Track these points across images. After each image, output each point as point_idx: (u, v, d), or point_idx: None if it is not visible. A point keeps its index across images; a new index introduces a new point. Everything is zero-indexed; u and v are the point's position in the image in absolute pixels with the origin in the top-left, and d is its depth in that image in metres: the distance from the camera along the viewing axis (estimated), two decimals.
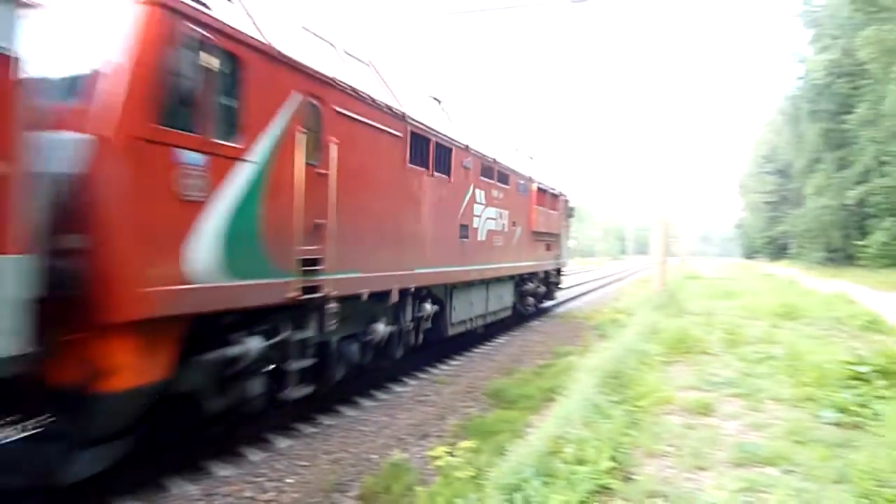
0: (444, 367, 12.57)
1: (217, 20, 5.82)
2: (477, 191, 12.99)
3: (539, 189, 17.78)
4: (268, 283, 6.58)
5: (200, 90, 5.50)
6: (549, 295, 21.46)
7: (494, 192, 14.10)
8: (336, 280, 7.78)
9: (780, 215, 73.17)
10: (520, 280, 17.34)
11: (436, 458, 6.34)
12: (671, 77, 17.10)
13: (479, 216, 13.17)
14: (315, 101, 7.31)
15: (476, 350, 14.56)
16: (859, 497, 3.73)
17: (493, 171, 14.01)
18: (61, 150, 4.71)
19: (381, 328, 9.53)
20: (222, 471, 6.79)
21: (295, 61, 6.97)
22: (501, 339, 16.16)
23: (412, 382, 11.10)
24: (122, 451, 5.49)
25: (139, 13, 5.03)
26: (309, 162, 7.12)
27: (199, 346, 6.04)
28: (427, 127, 10.54)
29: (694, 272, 36.26)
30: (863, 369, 6.78)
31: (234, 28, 6.03)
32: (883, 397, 6.15)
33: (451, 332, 12.73)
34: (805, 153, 50.82)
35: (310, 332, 7.65)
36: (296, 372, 7.44)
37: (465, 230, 12.43)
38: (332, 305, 7.88)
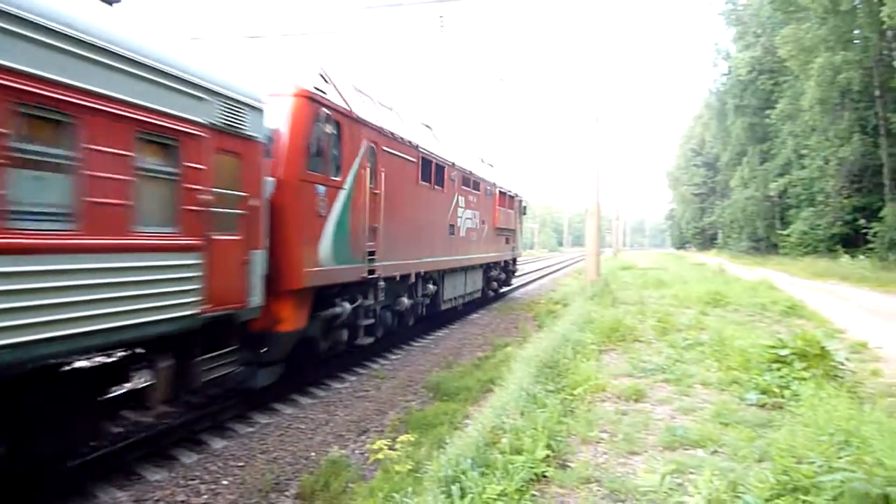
0: (383, 361, 12.53)
1: (330, 101, 9.24)
2: (459, 197, 16.65)
3: (500, 192, 21.50)
4: (353, 267, 10.07)
5: (324, 146, 8.98)
6: (507, 281, 25.24)
7: (471, 198, 17.82)
8: (384, 266, 11.29)
9: (708, 207, 75.94)
10: (487, 268, 20.97)
11: (375, 452, 6.30)
12: (602, 71, 17.58)
13: (461, 217, 16.78)
14: (373, 145, 10.90)
15: (415, 343, 14.56)
16: (779, 474, 3.88)
17: (469, 181, 17.73)
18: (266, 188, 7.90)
19: (405, 301, 13.16)
20: (154, 475, 6.59)
21: (364, 120, 10.54)
22: (441, 333, 16.21)
23: (351, 378, 11.01)
24: (278, 374, 8.82)
25: (298, 102, 8.46)
26: (370, 186, 10.64)
27: (318, 307, 9.31)
28: (429, 152, 14.16)
29: (627, 263, 37.17)
30: (783, 353, 7.04)
31: (337, 104, 9.45)
32: (802, 378, 6.42)
33: (443, 307, 16.28)
34: (731, 146, 52.71)
35: (370, 301, 11.22)
36: (363, 327, 11.01)
37: (452, 229, 16.01)
38: (381, 283, 11.46)
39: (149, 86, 5.84)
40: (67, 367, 5.85)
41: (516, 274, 28.19)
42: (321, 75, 9.65)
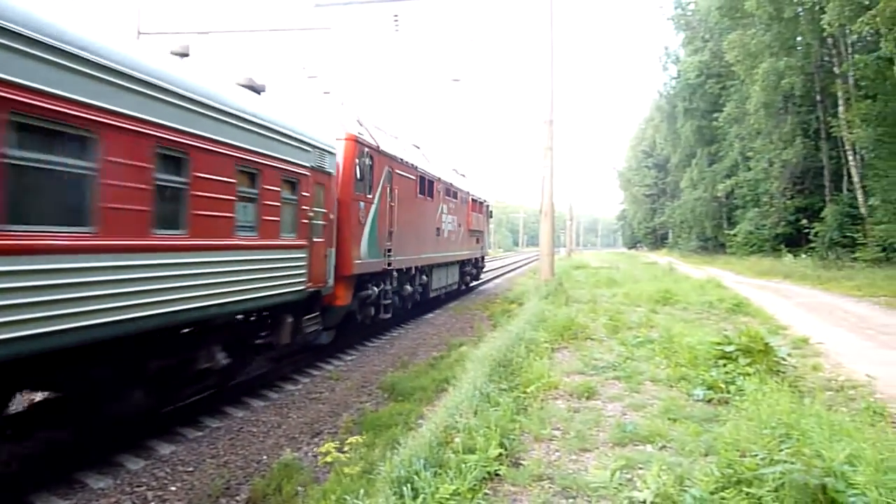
0: (337, 362, 12.41)
1: (366, 141, 12.77)
2: (443, 205, 20.28)
3: (472, 199, 25.55)
4: (378, 261, 13.71)
5: (363, 173, 12.38)
6: (477, 276, 29.03)
7: (451, 205, 21.43)
8: (397, 260, 14.94)
9: (659, 207, 77.57)
10: (463, 263, 24.68)
11: (324, 455, 6.23)
12: (554, 74, 17.81)
13: (444, 222, 20.33)
14: (390, 169, 14.47)
15: (370, 344, 14.47)
16: (724, 468, 3.98)
17: (450, 191, 21.32)
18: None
19: (409, 287, 16.79)
20: (98, 483, 6.38)
21: (385, 152, 14.12)
22: (396, 332, 16.15)
23: (304, 380, 10.88)
24: (332, 336, 12.44)
25: (348, 143, 11.87)
26: (389, 200, 14.26)
27: (358, 290, 12.84)
28: (424, 170, 17.78)
29: (581, 262, 37.71)
30: (729, 349, 7.23)
31: (369, 142, 12.96)
32: (746, 374, 6.60)
33: (432, 294, 19.77)
34: (681, 148, 53.93)
35: (388, 287, 14.73)
36: (383, 305, 14.49)
37: (438, 231, 19.59)
38: (395, 273, 15.17)
39: (290, 148, 9.64)
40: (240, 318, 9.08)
41: (484, 269, 32.24)
42: (357, 121, 13.10)
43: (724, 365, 7.02)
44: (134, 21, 18.56)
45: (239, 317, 8.89)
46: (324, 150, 10.82)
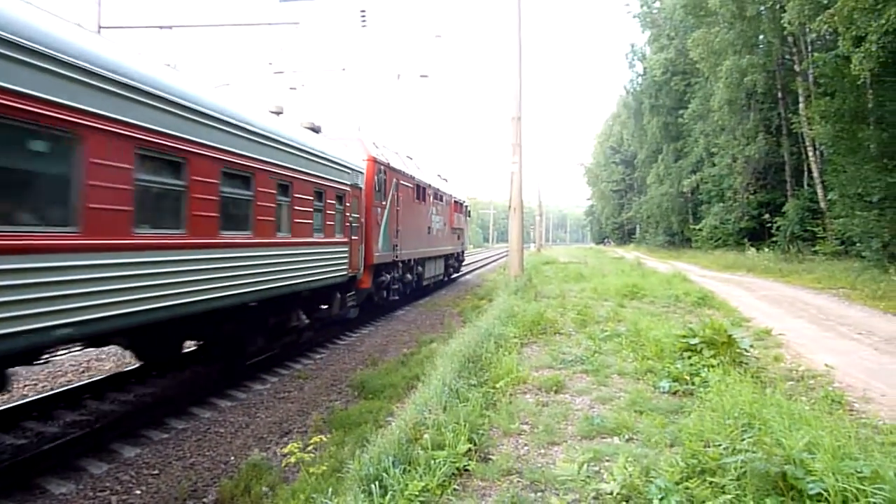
0: (306, 361, 12.32)
1: (381, 160, 16.90)
2: (433, 207, 24.17)
3: (454, 201, 29.78)
4: (389, 254, 17.57)
5: (379, 185, 16.60)
6: (458, 268, 33.41)
7: (438, 207, 25.43)
8: (401, 253, 18.72)
9: (626, 202, 78.53)
10: (447, 257, 28.43)
11: (287, 456, 6.17)
12: (522, 71, 17.94)
13: (433, 221, 24.24)
14: (396, 180, 18.31)
15: (340, 342, 14.40)
16: (688, 458, 4.04)
17: (438, 195, 25.30)
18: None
19: (409, 277, 20.65)
20: (59, 488, 6.24)
21: (393, 167, 18.04)
22: (366, 330, 16.10)
23: (272, 379, 10.77)
24: (357, 312, 15.39)
25: (369, 163, 15.84)
26: (396, 205, 17.95)
27: (375, 276, 16.80)
28: (419, 179, 21.66)
29: (550, 258, 37.97)
30: (694, 342, 7.35)
31: (383, 160, 16.99)
32: (711, 366, 6.71)
33: (424, 283, 23.42)
34: (648, 145, 54.65)
35: (396, 275, 18.81)
36: (393, 289, 18.43)
37: (429, 230, 23.48)
38: (400, 264, 18.93)
39: (339, 172, 13.27)
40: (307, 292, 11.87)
41: (464, 263, 36.91)
42: (374, 143, 17.37)
43: (690, 357, 7.13)
44: (94, 15, 18.14)
45: (309, 293, 12.03)
46: (357, 171, 14.77)
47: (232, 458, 7.36)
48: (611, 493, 3.86)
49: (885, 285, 16.27)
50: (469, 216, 36.92)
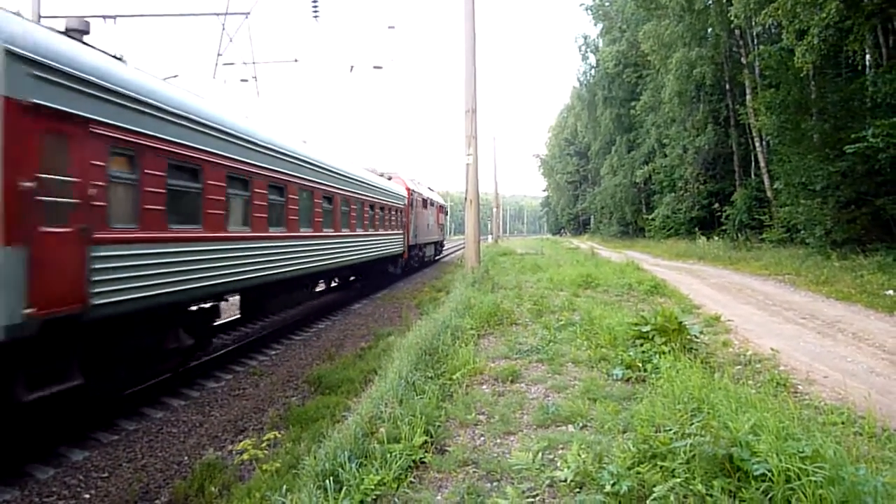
0: (261, 357, 12.14)
1: (414, 189, 31.30)
2: (429, 211, 35.71)
3: (439, 206, 41.73)
4: (413, 241, 30.86)
5: (412, 203, 30.40)
6: (441, 251, 44.88)
7: (431, 210, 36.75)
8: (418, 241, 32.37)
9: (581, 193, 79.55)
10: (435, 244, 40.33)
11: (240, 453, 6.09)
12: (476, 62, 18.02)
13: (430, 221, 36.22)
14: (416, 198, 31.81)
15: (296, 337, 14.23)
16: (640, 443, 4.11)
17: (431, 203, 36.80)
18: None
19: (420, 254, 33.38)
20: (3, 495, 6.02)
21: (415, 190, 31.61)
22: (322, 325, 15.94)
23: (227, 377, 10.59)
24: (401, 270, 29.47)
25: (406, 191, 29.30)
26: (413, 211, 30.62)
27: (411, 252, 30.65)
28: (425, 196, 34.86)
29: (507, 249, 38.22)
30: (646, 329, 7.47)
31: (412, 188, 30.93)
32: (662, 352, 6.83)
33: (425, 259, 35.14)
34: (601, 136, 55.43)
35: (416, 253, 32.46)
36: (414, 260, 31.83)
37: (427, 226, 34.85)
38: (416, 247, 32.09)
39: (396, 198, 26.43)
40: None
41: (444, 248, 49.32)
42: (410, 179, 31.65)
43: (642, 345, 7.26)
44: (33, 2, 17.43)
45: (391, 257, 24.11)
46: (402, 195, 27.36)
47: (185, 457, 7.22)
48: (565, 481, 3.91)
49: (828, 271, 16.86)
50: (447, 214, 52.78)
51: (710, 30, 31.46)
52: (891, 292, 12.89)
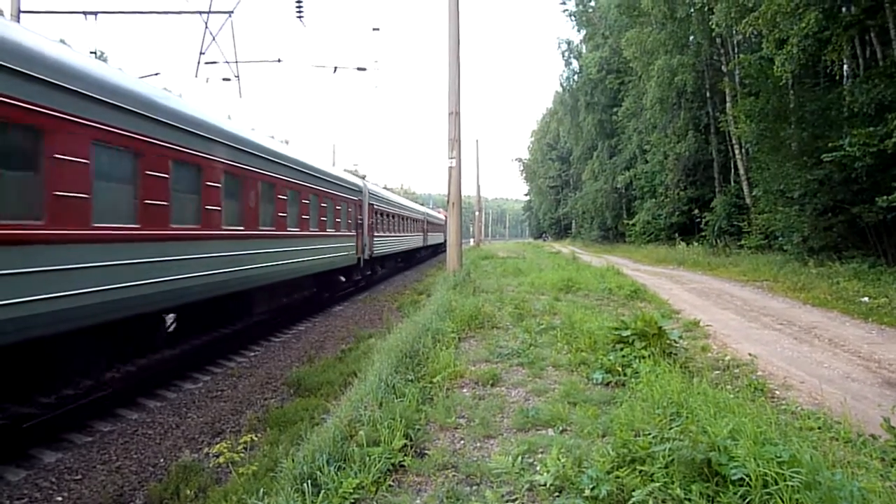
0: (240, 358, 12.03)
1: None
2: (416, 222, 41.44)
3: (428, 221, 47.97)
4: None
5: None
6: (438, 252, 51.98)
7: (417, 222, 42.24)
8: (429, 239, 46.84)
9: (563, 198, 79.92)
10: (435, 246, 52.34)
11: (216, 456, 6.01)
12: (460, 66, 17.96)
13: (423, 230, 44.97)
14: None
15: (275, 339, 14.11)
16: (619, 448, 4.11)
17: (421, 218, 44.64)
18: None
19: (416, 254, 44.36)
20: None
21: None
22: (302, 326, 15.83)
23: (204, 378, 10.47)
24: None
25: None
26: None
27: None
28: (411, 208, 41.53)
29: (488, 252, 38.26)
30: (626, 333, 7.50)
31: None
32: (642, 356, 6.85)
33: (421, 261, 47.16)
34: (583, 141, 55.71)
35: (424, 254, 48.93)
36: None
37: (423, 234, 45.29)
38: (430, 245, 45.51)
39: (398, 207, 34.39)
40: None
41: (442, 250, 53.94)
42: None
43: (622, 349, 7.27)
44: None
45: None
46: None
47: (161, 460, 7.11)
48: (544, 485, 3.89)
49: (805, 277, 17.08)
50: (443, 223, 57.35)
51: (691, 38, 31.79)
52: (866, 299, 13.09)
